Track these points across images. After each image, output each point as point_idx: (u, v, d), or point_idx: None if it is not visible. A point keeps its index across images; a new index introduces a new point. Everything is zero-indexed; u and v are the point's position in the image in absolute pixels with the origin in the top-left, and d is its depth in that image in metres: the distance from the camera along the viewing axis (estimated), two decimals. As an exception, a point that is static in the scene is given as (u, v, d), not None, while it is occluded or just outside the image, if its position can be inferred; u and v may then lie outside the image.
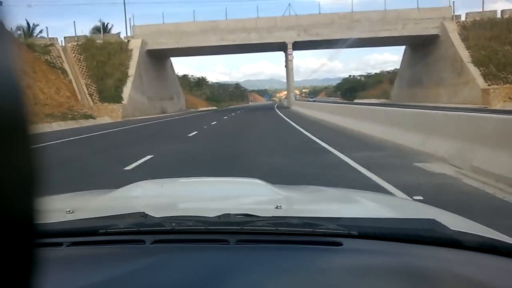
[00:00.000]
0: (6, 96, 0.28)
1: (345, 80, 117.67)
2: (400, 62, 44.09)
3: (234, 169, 6.39)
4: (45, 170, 0.30)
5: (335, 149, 8.04)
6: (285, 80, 44.51)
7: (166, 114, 35.13)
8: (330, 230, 0.87)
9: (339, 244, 0.83)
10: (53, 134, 15.39)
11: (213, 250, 0.85)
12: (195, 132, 13.76)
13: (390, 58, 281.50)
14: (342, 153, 7.41)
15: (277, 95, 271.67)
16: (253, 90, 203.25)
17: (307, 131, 12.70)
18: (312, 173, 5.73)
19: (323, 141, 9.47)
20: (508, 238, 0.97)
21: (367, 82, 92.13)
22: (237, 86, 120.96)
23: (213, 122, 20.56)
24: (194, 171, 6.26)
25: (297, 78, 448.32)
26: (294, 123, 17.00)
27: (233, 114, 32.40)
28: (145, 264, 0.75)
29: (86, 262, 0.81)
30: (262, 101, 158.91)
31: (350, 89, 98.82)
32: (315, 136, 10.82)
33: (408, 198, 3.72)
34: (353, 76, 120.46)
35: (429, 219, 0.92)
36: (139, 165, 6.98)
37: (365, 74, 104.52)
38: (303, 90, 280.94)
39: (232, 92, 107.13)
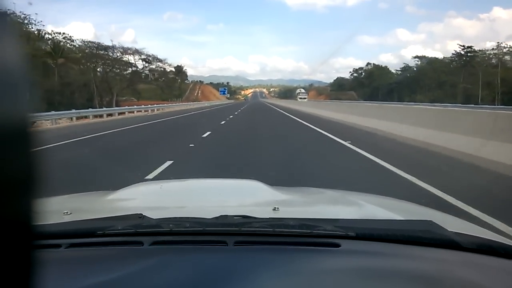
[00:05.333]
0: (7, 98, 0.27)
1: (372, 70, 71.82)
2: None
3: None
4: (44, 172, 0.30)
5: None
6: (251, 78, 18.78)
7: None
8: (327, 232, 0.87)
9: (337, 245, 0.83)
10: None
11: (211, 252, 0.84)
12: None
13: (354, 63, 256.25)
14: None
15: (242, 92, 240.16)
16: (211, 83, 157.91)
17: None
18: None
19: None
20: (505, 239, 0.97)
21: (433, 74, 51.42)
22: (178, 70, 70.43)
23: None
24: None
25: (263, 77, 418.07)
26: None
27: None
28: (143, 265, 0.75)
29: (84, 264, 0.81)
30: (219, 99, 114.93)
31: (399, 87, 57.94)
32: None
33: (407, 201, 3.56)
34: (371, 64, 74.79)
35: (427, 220, 0.92)
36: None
37: (431, 56, 63.49)
38: (271, 89, 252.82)
39: (166, 83, 60.39)
